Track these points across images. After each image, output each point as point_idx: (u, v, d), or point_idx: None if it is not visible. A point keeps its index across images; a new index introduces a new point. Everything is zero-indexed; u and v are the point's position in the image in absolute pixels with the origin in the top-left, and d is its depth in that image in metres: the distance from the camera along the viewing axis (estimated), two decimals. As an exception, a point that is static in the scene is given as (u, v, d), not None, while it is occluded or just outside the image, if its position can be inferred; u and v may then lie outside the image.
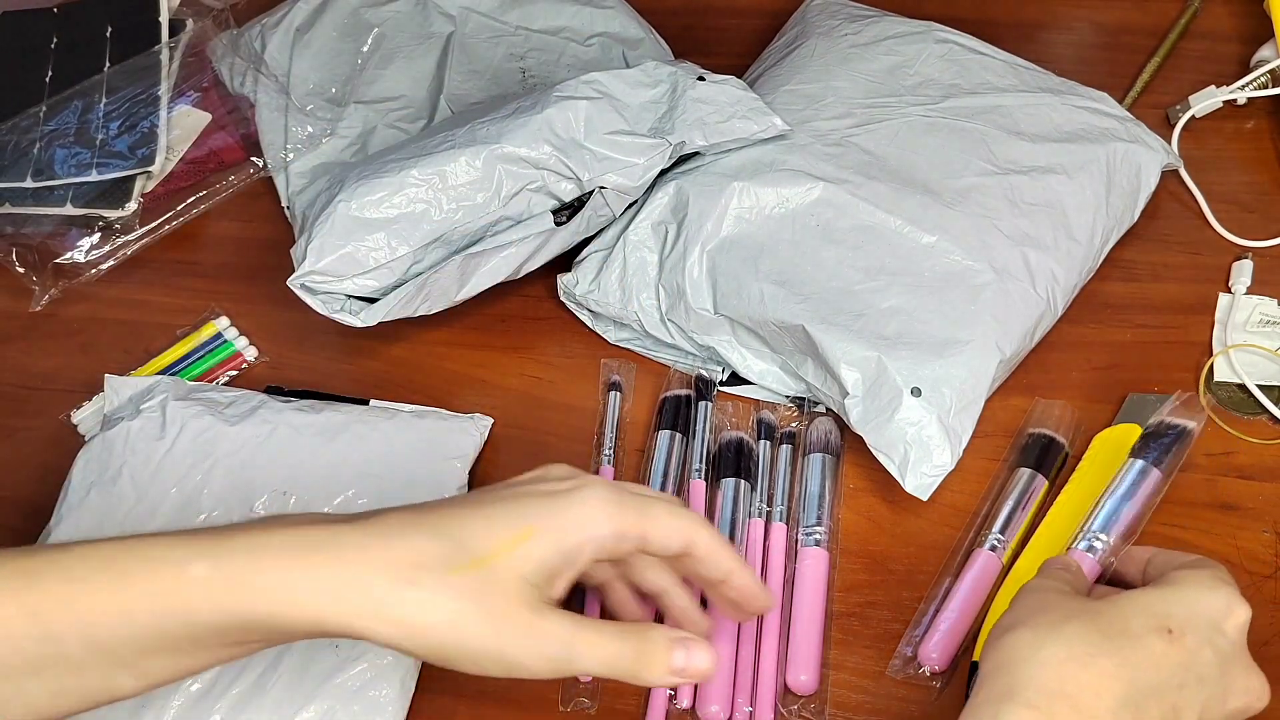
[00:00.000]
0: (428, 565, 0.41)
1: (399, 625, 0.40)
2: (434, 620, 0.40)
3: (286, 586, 0.40)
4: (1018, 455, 0.62)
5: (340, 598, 0.40)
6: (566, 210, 0.67)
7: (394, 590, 0.40)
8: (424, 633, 0.40)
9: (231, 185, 0.84)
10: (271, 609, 0.40)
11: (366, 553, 0.41)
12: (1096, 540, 0.54)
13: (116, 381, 0.69)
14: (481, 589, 0.41)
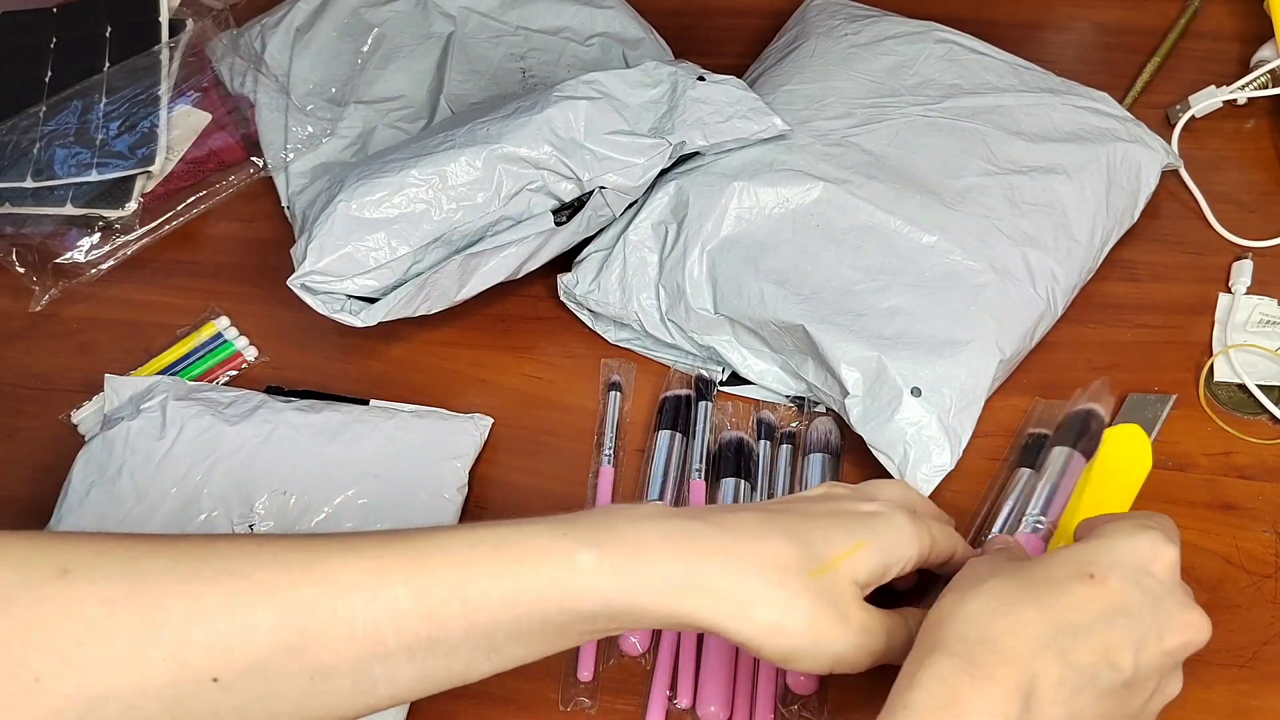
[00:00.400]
0: (791, 568, 0.43)
1: (765, 624, 0.43)
2: (795, 620, 0.43)
3: (670, 580, 0.42)
4: (1018, 455, 0.62)
5: (719, 595, 0.42)
6: (566, 210, 0.67)
7: (765, 590, 0.43)
8: (785, 632, 0.43)
9: (231, 185, 0.84)
10: (650, 601, 0.42)
11: (741, 553, 0.43)
12: (1038, 523, 0.56)
13: (116, 381, 0.69)
14: (830, 592, 0.44)
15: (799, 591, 0.43)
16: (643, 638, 0.57)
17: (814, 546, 0.44)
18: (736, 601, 0.43)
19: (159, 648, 0.39)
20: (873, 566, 0.45)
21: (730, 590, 0.43)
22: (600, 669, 0.57)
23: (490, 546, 0.42)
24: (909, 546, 0.47)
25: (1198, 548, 0.58)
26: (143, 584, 0.39)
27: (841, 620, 0.44)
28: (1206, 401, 0.63)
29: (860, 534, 0.46)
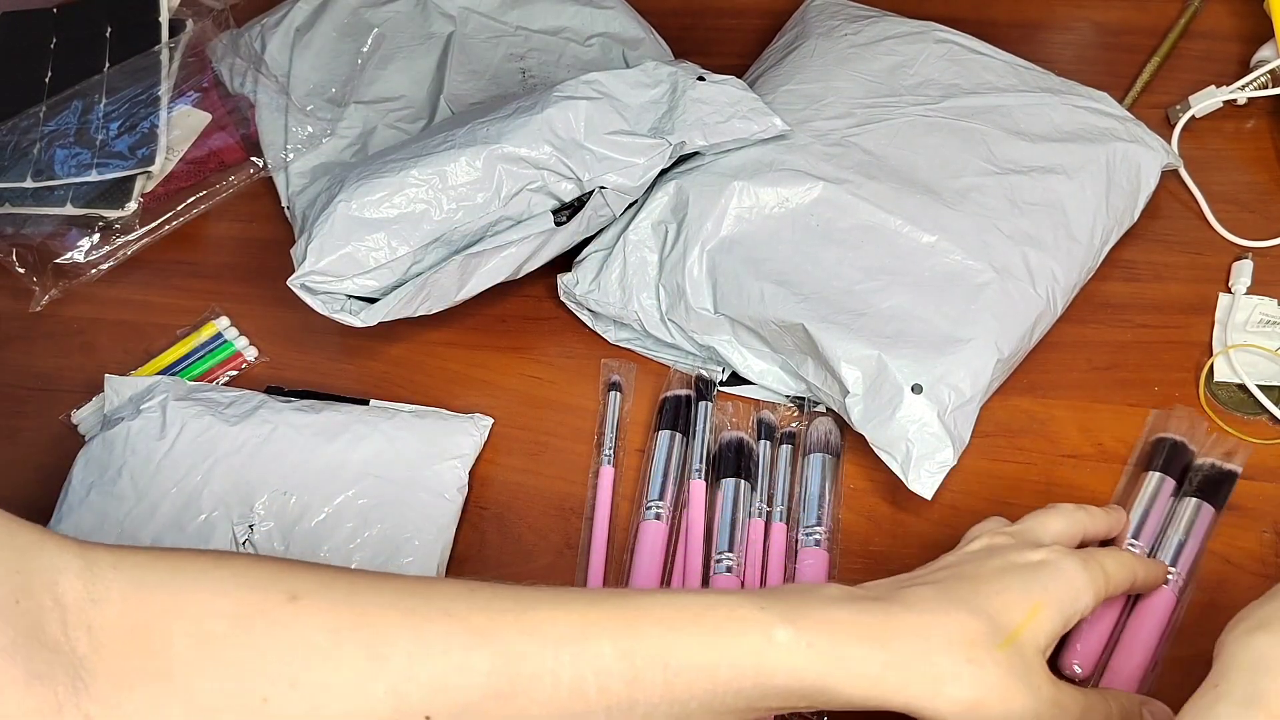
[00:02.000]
0: (980, 643, 0.43)
1: (958, 702, 0.42)
2: (988, 696, 0.42)
3: (864, 661, 0.42)
4: (1144, 458, 0.61)
5: (911, 675, 0.42)
6: (566, 210, 0.67)
7: (956, 667, 0.42)
8: (980, 708, 0.42)
9: (231, 185, 0.84)
10: (843, 682, 0.42)
11: (929, 632, 0.43)
12: (1169, 574, 0.55)
13: (116, 381, 0.69)
14: (1019, 664, 0.43)
15: (989, 666, 0.43)
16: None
17: (995, 616, 0.44)
18: (930, 679, 0.42)
19: (382, 680, 0.39)
20: (1052, 627, 0.45)
21: (924, 670, 0.42)
22: (600, 669, 0.57)
23: (694, 613, 0.42)
24: (1084, 595, 0.46)
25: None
26: (367, 615, 0.40)
27: (1032, 694, 0.43)
28: (1206, 401, 0.63)
29: (1035, 593, 0.45)
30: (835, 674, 0.42)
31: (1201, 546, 0.57)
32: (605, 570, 0.60)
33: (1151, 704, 0.49)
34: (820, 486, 0.61)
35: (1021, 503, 0.61)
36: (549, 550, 0.62)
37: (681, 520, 0.62)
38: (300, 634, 0.39)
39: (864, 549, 0.60)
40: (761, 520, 0.61)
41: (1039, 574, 0.46)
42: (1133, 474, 0.61)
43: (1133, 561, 0.51)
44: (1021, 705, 0.43)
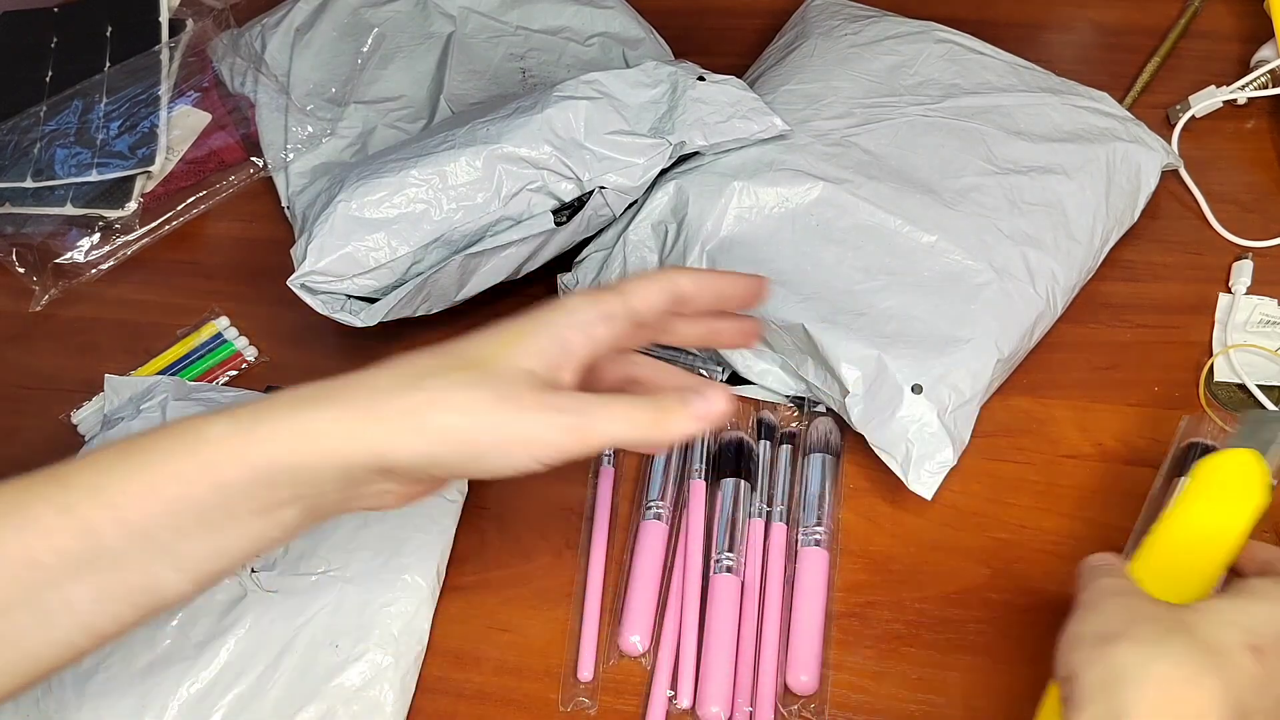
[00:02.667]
0: (431, 372, 0.42)
1: (417, 431, 0.40)
2: (449, 415, 0.40)
3: (302, 421, 0.40)
4: (1173, 465, 0.60)
5: (356, 420, 0.40)
6: (566, 210, 0.67)
7: (404, 395, 0.41)
8: (442, 429, 0.40)
9: (231, 185, 0.84)
10: (291, 449, 0.40)
11: (374, 378, 0.42)
12: None
13: (116, 381, 0.69)
14: (487, 379, 0.41)
15: (444, 388, 0.41)
16: (643, 638, 0.57)
17: (464, 352, 0.43)
18: (384, 418, 0.40)
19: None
20: (540, 347, 0.43)
21: (367, 412, 0.40)
22: (600, 669, 0.57)
23: (127, 445, 0.41)
24: (581, 309, 0.44)
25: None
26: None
27: (507, 401, 0.41)
28: (1206, 401, 0.63)
29: (521, 323, 0.44)
30: (279, 448, 0.40)
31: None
32: (605, 570, 0.60)
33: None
34: (820, 486, 0.61)
35: (1021, 503, 0.61)
36: (549, 550, 0.62)
37: (681, 520, 0.62)
38: None
39: (864, 549, 0.60)
40: (761, 520, 0.61)
41: (538, 311, 0.45)
42: (1165, 479, 0.60)
43: (668, 269, 0.50)
44: (493, 414, 0.41)
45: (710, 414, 0.42)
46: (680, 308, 0.47)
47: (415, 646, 0.58)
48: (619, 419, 0.42)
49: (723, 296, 0.49)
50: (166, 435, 0.41)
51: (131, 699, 0.55)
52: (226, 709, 0.55)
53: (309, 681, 0.56)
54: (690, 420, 0.42)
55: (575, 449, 0.41)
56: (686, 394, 0.43)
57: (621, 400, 0.42)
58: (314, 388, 0.42)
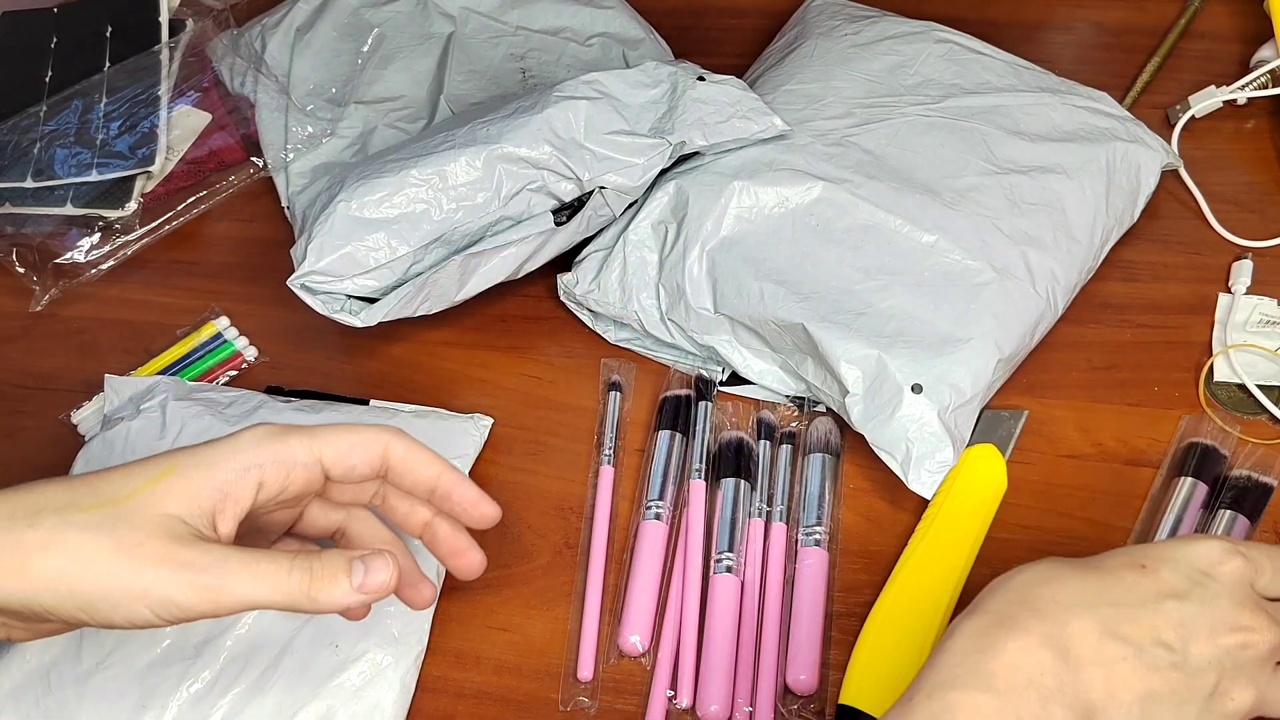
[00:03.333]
0: (50, 508, 0.38)
1: (18, 574, 0.37)
2: (57, 559, 0.37)
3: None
4: (1175, 465, 0.61)
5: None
6: (566, 210, 0.67)
7: (14, 532, 0.37)
8: (47, 574, 0.37)
9: (231, 185, 0.84)
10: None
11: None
12: None
13: (116, 381, 0.69)
14: (112, 524, 0.38)
15: (58, 529, 0.37)
16: (643, 638, 0.57)
17: (100, 486, 0.39)
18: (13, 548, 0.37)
19: None
20: (191, 490, 0.39)
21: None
22: (600, 669, 0.57)
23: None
24: (252, 452, 0.40)
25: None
26: None
27: (127, 551, 0.37)
28: (1206, 401, 0.63)
29: (178, 458, 0.40)
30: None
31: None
32: (605, 570, 0.60)
33: None
34: (820, 486, 0.61)
35: (1021, 503, 0.61)
36: (549, 550, 0.62)
37: (681, 520, 0.62)
38: None
39: (864, 549, 0.60)
40: (761, 520, 0.61)
41: (206, 444, 0.41)
42: (1165, 479, 0.60)
43: (382, 428, 0.44)
44: (109, 565, 0.37)
45: (371, 587, 0.40)
46: (390, 478, 0.43)
47: (415, 646, 0.58)
48: (262, 582, 0.38)
49: (441, 495, 0.44)
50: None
51: (131, 699, 0.55)
52: (226, 709, 0.55)
53: (309, 681, 0.56)
54: (346, 593, 0.39)
55: (203, 610, 0.38)
56: (351, 560, 0.40)
57: (270, 559, 0.39)
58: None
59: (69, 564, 0.37)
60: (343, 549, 0.42)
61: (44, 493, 0.39)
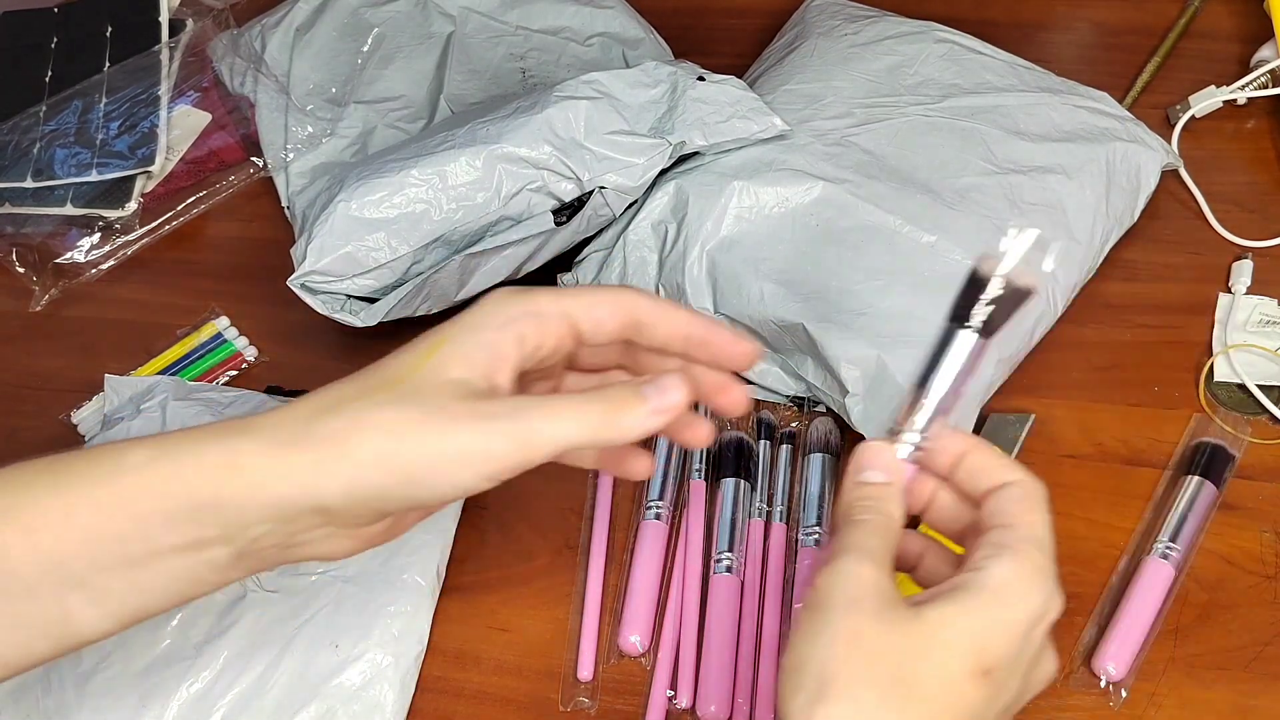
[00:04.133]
0: (347, 398, 0.38)
1: (341, 459, 0.36)
2: (375, 438, 0.37)
3: (225, 453, 0.37)
4: (1182, 464, 0.61)
5: (279, 451, 0.37)
6: (566, 210, 0.67)
7: (325, 422, 0.37)
8: (371, 455, 0.36)
9: (231, 185, 0.84)
10: (214, 483, 0.37)
11: (294, 409, 0.38)
12: (1169, 549, 0.56)
13: (116, 381, 0.69)
14: (411, 398, 0.37)
15: (363, 409, 0.37)
16: (643, 638, 0.57)
17: (383, 372, 0.39)
18: (306, 450, 0.36)
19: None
20: (465, 353, 0.38)
21: (288, 441, 0.37)
22: (600, 669, 0.57)
23: (46, 465, 0.38)
24: (510, 308, 0.39)
25: (1198, 548, 0.58)
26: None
27: (433, 416, 0.37)
28: (1206, 401, 0.63)
29: (443, 331, 0.39)
30: (201, 478, 0.37)
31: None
32: (605, 570, 0.60)
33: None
34: (820, 486, 0.61)
35: (1021, 503, 0.61)
36: (549, 550, 0.62)
37: (681, 520, 0.62)
38: None
39: (864, 549, 0.60)
40: (761, 520, 0.61)
41: (461, 315, 0.40)
42: (1171, 478, 0.61)
43: (627, 288, 0.44)
44: (420, 432, 0.37)
45: (668, 406, 0.39)
46: (638, 335, 0.42)
47: (415, 646, 0.58)
48: (565, 417, 0.38)
49: (696, 341, 0.43)
50: (86, 459, 0.38)
51: (131, 699, 0.55)
52: (226, 709, 0.55)
53: (309, 681, 0.56)
54: (647, 415, 0.38)
55: (519, 458, 0.37)
56: (641, 386, 0.39)
57: (566, 397, 0.39)
58: (239, 421, 0.39)
59: (386, 440, 0.36)
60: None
61: (333, 390, 0.38)
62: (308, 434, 0.37)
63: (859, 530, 0.39)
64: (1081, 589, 0.57)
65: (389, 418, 0.37)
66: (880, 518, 0.40)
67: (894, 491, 0.41)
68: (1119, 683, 0.54)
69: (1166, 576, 0.56)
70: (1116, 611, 0.55)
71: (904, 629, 0.36)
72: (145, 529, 0.37)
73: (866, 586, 0.37)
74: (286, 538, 0.38)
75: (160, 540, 0.37)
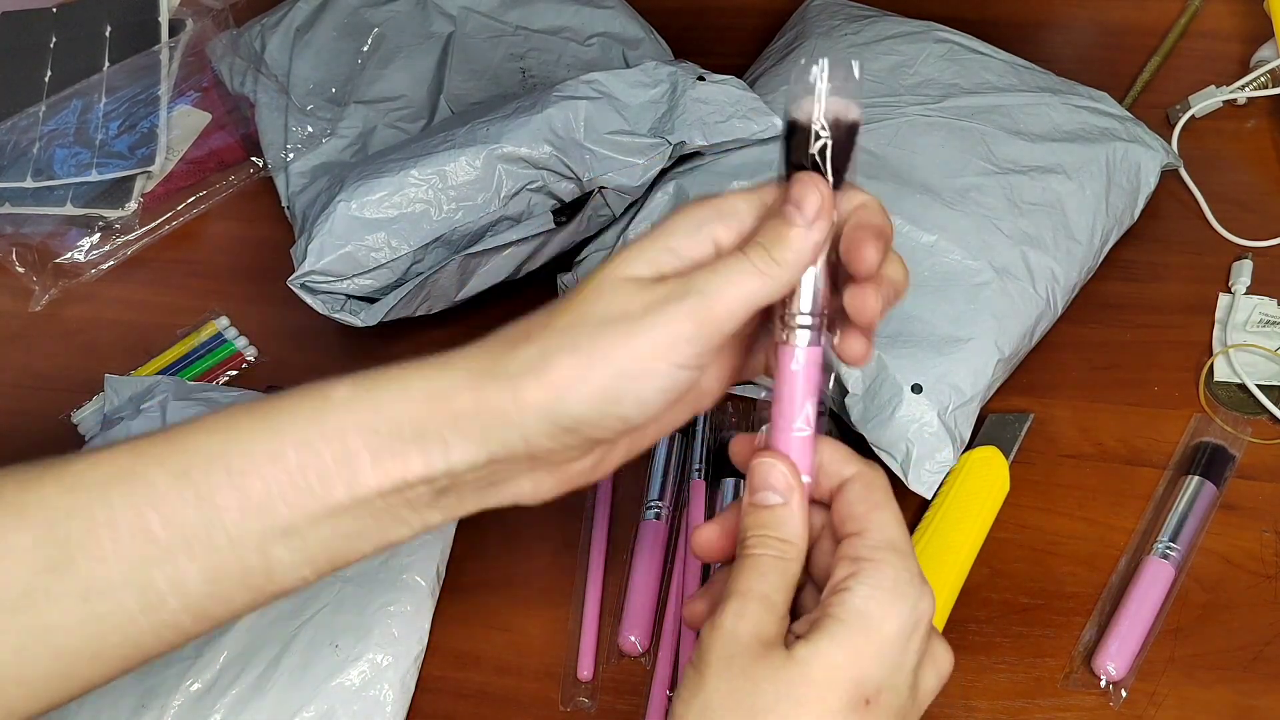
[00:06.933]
0: (535, 326, 0.37)
1: (541, 387, 0.36)
2: (568, 359, 0.36)
3: (425, 384, 0.37)
4: (1183, 463, 0.61)
5: (477, 378, 0.36)
6: (566, 210, 0.67)
7: (515, 355, 0.36)
8: (567, 377, 0.36)
9: (231, 185, 0.84)
10: (419, 413, 0.36)
11: (484, 342, 0.38)
12: (1169, 549, 0.56)
13: (116, 381, 0.69)
14: (589, 309, 0.36)
15: (550, 334, 0.36)
16: (643, 638, 0.57)
17: (565, 299, 0.38)
18: (503, 375, 0.36)
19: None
20: (642, 250, 0.37)
21: (494, 372, 0.36)
22: (600, 669, 0.57)
23: (247, 409, 0.37)
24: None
25: (1198, 548, 0.58)
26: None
27: (617, 318, 0.36)
28: (1206, 401, 0.63)
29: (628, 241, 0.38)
30: (410, 410, 0.36)
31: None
32: (605, 570, 0.60)
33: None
34: (820, 486, 0.61)
35: (1022, 502, 0.61)
36: (549, 550, 0.62)
37: (681, 520, 0.62)
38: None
39: (864, 549, 0.60)
40: (761, 520, 0.61)
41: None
42: (1171, 477, 0.61)
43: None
44: (614, 333, 0.36)
45: (815, 210, 0.36)
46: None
47: (415, 646, 0.58)
48: (736, 275, 0.36)
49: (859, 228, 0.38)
50: (293, 398, 0.37)
51: (131, 699, 0.55)
52: (226, 709, 0.55)
53: (309, 681, 0.56)
54: (802, 234, 0.36)
55: (709, 333, 0.36)
56: (783, 209, 0.37)
57: (724, 260, 0.37)
58: (434, 358, 0.38)
59: (578, 360, 0.35)
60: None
61: (525, 320, 0.38)
62: (505, 366, 0.36)
63: (749, 572, 0.37)
64: (1081, 589, 0.57)
65: (573, 338, 0.36)
66: (773, 553, 0.37)
67: (792, 513, 0.38)
68: (1119, 683, 0.54)
69: (1167, 576, 0.56)
70: (1116, 611, 0.55)
71: (777, 677, 0.35)
72: (352, 466, 0.36)
73: (742, 641, 0.35)
74: (490, 474, 0.38)
75: (366, 478, 0.36)
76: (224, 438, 0.37)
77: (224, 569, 0.37)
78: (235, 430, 0.37)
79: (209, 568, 0.36)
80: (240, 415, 0.37)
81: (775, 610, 0.37)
